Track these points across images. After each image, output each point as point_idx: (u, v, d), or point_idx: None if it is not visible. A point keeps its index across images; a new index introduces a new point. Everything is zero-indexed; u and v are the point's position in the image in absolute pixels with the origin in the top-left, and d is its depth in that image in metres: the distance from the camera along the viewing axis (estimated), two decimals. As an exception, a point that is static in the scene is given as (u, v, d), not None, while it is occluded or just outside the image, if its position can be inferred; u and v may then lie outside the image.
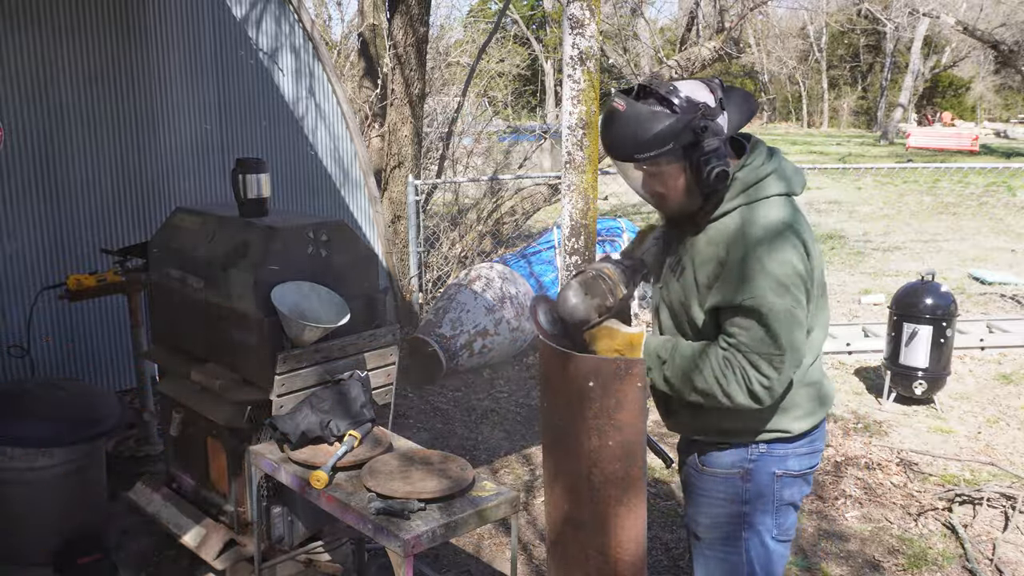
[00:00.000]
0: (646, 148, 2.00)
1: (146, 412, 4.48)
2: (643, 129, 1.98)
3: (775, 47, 32.79)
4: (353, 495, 2.48)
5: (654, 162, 2.02)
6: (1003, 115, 42.71)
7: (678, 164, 2.02)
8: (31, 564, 3.43)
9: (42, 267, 5.04)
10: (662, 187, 2.07)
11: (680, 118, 1.98)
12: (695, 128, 1.98)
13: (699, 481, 2.27)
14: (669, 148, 1.99)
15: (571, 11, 3.23)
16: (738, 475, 2.19)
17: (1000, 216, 12.85)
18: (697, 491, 2.28)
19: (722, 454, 2.20)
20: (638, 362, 2.11)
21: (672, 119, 1.98)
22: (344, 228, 3.14)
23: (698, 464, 2.26)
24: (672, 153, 2.00)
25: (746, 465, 2.18)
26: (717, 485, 2.22)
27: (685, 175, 2.04)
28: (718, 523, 2.24)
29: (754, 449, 2.17)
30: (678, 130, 1.98)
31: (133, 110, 5.29)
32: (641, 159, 2.02)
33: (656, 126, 1.98)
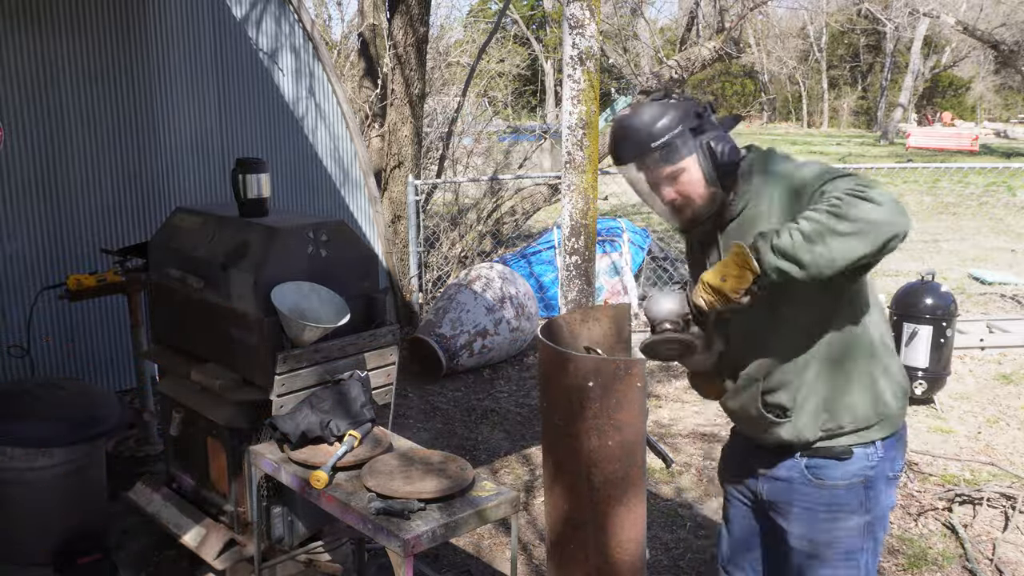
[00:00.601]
0: (659, 134, 2.02)
1: (146, 412, 4.48)
2: (651, 118, 2.03)
3: (775, 47, 32.78)
4: (353, 495, 2.48)
5: (669, 153, 2.02)
6: (1003, 115, 42.70)
7: (691, 155, 2.03)
8: (31, 564, 3.43)
9: (42, 267, 5.04)
10: (682, 188, 2.06)
11: (681, 103, 2.05)
12: (697, 110, 2.04)
13: (819, 497, 2.13)
14: (679, 130, 2.01)
15: (571, 11, 3.23)
16: (861, 484, 2.11)
17: (1000, 216, 12.85)
18: (815, 508, 2.14)
19: (843, 464, 2.10)
20: (638, 362, 2.11)
21: (675, 104, 2.05)
22: (344, 228, 3.14)
23: (808, 478, 2.13)
24: (683, 137, 2.02)
25: (868, 473, 2.11)
26: (842, 498, 2.11)
27: (700, 166, 2.03)
28: (840, 537, 2.14)
29: (873, 454, 2.10)
30: (682, 113, 2.03)
31: (133, 110, 5.29)
32: (657, 146, 2.02)
33: (663, 112, 2.03)
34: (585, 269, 3.45)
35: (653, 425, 5.20)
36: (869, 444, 2.10)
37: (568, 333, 2.44)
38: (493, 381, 6.08)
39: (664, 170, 2.05)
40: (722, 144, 2.03)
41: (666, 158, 2.03)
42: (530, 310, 6.41)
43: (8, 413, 3.35)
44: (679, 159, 2.03)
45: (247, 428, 3.06)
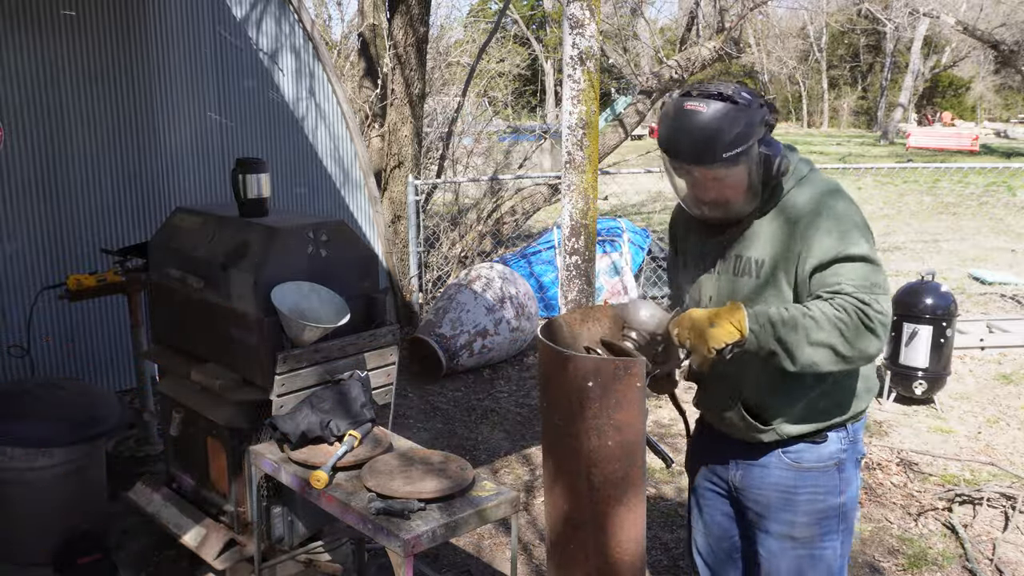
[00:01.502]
0: (733, 145, 1.98)
1: (146, 412, 4.48)
2: (729, 127, 1.97)
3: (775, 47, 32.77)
4: (353, 495, 2.48)
5: (734, 161, 2.00)
6: (1003, 115, 42.70)
7: (747, 164, 2.02)
8: (31, 564, 3.43)
9: (42, 267, 5.04)
10: (727, 190, 2.06)
11: (757, 112, 2.00)
12: (768, 121, 2.03)
13: (796, 480, 2.21)
14: (751, 144, 1.99)
15: (571, 11, 3.23)
16: (834, 466, 2.20)
17: (1000, 216, 12.84)
18: (792, 491, 2.22)
19: (818, 447, 2.18)
20: (638, 362, 2.11)
21: (751, 114, 1.99)
22: (344, 228, 3.14)
23: (788, 463, 2.21)
24: (752, 149, 2.00)
25: (840, 456, 2.19)
26: (817, 480, 2.20)
27: (751, 174, 2.04)
28: (817, 520, 2.22)
29: (845, 438, 2.19)
30: (756, 123, 1.99)
31: (133, 110, 5.29)
32: (729, 157, 1.98)
33: (741, 121, 1.98)
34: (585, 269, 3.45)
35: (653, 425, 5.20)
36: (841, 428, 2.19)
37: (568, 333, 2.44)
38: (493, 381, 6.08)
39: (717, 172, 2.03)
40: (779, 158, 2.03)
41: (732, 162, 2.01)
42: (530, 310, 6.41)
43: (8, 413, 3.35)
44: (738, 165, 2.01)
45: (247, 428, 3.06)
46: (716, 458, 2.36)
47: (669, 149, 2.10)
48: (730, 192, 2.06)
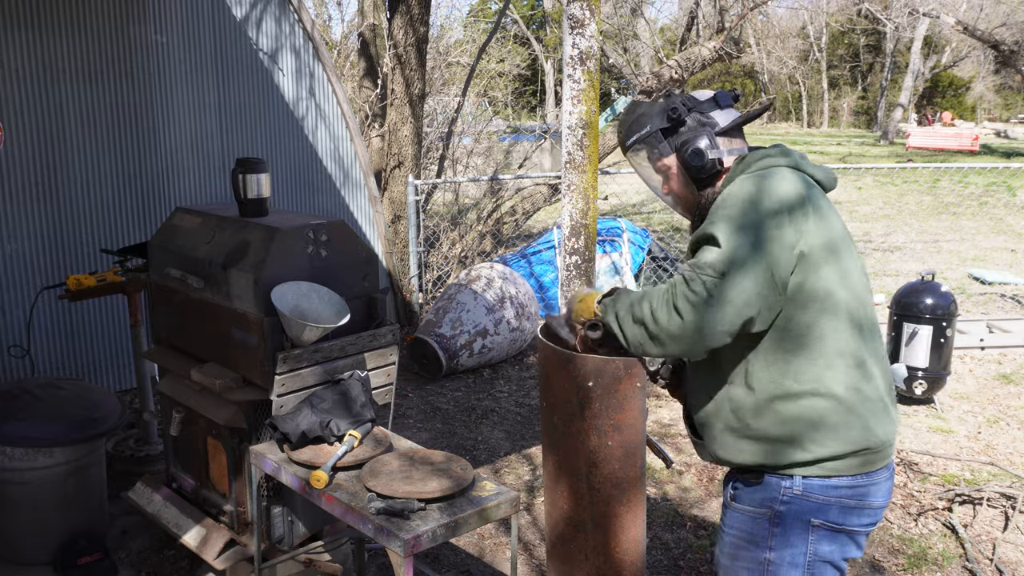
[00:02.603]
0: (630, 134, 2.15)
1: (146, 412, 4.48)
2: (629, 119, 2.18)
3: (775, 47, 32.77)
4: (353, 495, 2.48)
5: (644, 150, 2.14)
6: (1003, 115, 42.71)
7: (669, 154, 2.11)
8: (31, 564, 3.43)
9: (42, 267, 5.04)
10: (668, 184, 2.16)
11: (657, 104, 2.13)
12: (668, 111, 2.09)
13: (726, 516, 2.09)
14: (646, 131, 2.11)
15: (571, 11, 3.23)
16: (766, 516, 1.98)
17: (1000, 216, 12.84)
18: (723, 526, 2.10)
19: (752, 490, 1.99)
20: (638, 362, 2.11)
21: (649, 105, 2.15)
22: (344, 228, 3.14)
23: (727, 497, 2.08)
24: (652, 139, 2.11)
25: (776, 507, 1.96)
26: (744, 524, 2.02)
27: (679, 166, 2.11)
28: (738, 566, 2.04)
29: (787, 489, 1.94)
30: (652, 114, 2.11)
31: (133, 110, 5.29)
32: (629, 144, 2.16)
33: (637, 112, 2.16)
34: (585, 269, 3.45)
35: (653, 425, 5.20)
36: (784, 474, 1.94)
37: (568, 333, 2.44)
38: (493, 381, 6.08)
39: (654, 164, 2.16)
40: (689, 147, 2.06)
41: (649, 155, 2.15)
42: (530, 310, 6.41)
43: (8, 413, 3.35)
44: (659, 158, 2.13)
45: (247, 428, 3.07)
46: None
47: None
48: (673, 185, 2.15)
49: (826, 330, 1.89)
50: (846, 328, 1.91)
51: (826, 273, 1.88)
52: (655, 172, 2.17)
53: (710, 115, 2.09)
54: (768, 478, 1.95)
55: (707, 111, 2.09)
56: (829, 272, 1.89)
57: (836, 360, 1.89)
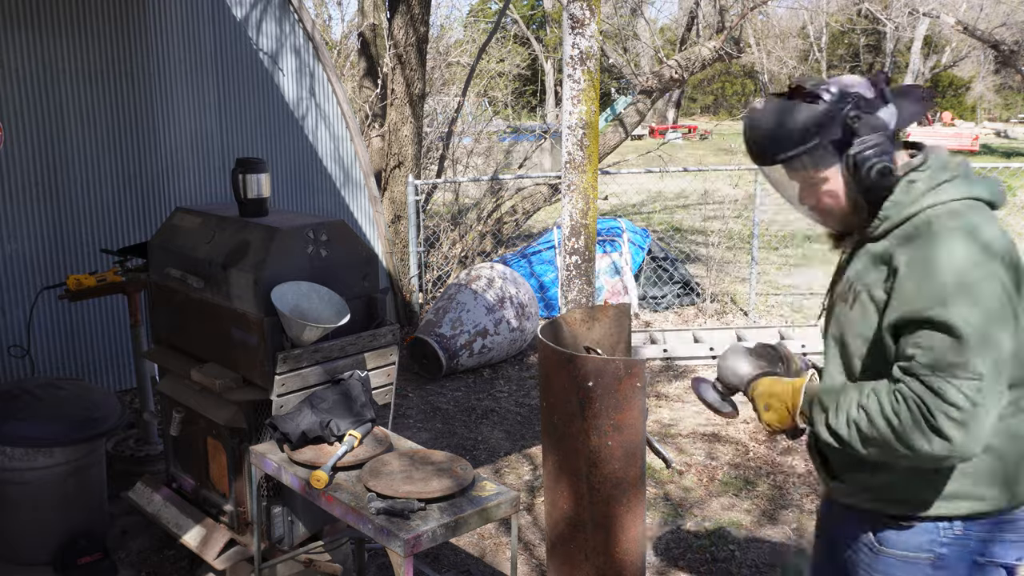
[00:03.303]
0: (787, 145, 1.77)
1: (146, 412, 4.48)
2: (783, 124, 1.78)
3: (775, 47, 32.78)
4: (353, 495, 2.48)
5: (800, 162, 1.79)
6: (1003, 115, 42.71)
7: (833, 166, 1.78)
8: (31, 564, 3.43)
9: (42, 267, 5.04)
10: (821, 196, 1.83)
11: (826, 108, 1.75)
12: (845, 119, 1.74)
13: (873, 563, 1.86)
14: (815, 143, 1.76)
15: (571, 11, 3.23)
16: (928, 561, 1.80)
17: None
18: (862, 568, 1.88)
19: (905, 533, 1.80)
20: (638, 362, 2.11)
21: (815, 110, 1.75)
22: (344, 228, 3.14)
23: (873, 542, 1.85)
24: (820, 150, 1.76)
25: (937, 549, 1.78)
26: (898, 571, 1.82)
27: (844, 178, 1.78)
28: None
29: (947, 530, 1.77)
30: (823, 121, 1.74)
31: (133, 110, 5.30)
32: (783, 159, 1.79)
33: (797, 119, 1.76)
34: (585, 269, 3.45)
35: (653, 425, 5.20)
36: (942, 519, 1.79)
37: (568, 333, 2.45)
38: (493, 381, 6.08)
39: (802, 175, 1.83)
40: (870, 162, 1.74)
41: (799, 164, 1.80)
42: (530, 310, 6.41)
43: (8, 413, 3.35)
44: (816, 168, 1.79)
45: (247, 428, 3.07)
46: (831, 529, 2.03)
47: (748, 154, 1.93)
48: (826, 199, 1.83)
49: None
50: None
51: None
52: (801, 182, 1.84)
53: (879, 115, 1.76)
54: (920, 524, 1.80)
55: (876, 110, 1.76)
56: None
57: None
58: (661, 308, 7.79)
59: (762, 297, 7.83)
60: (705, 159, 21.51)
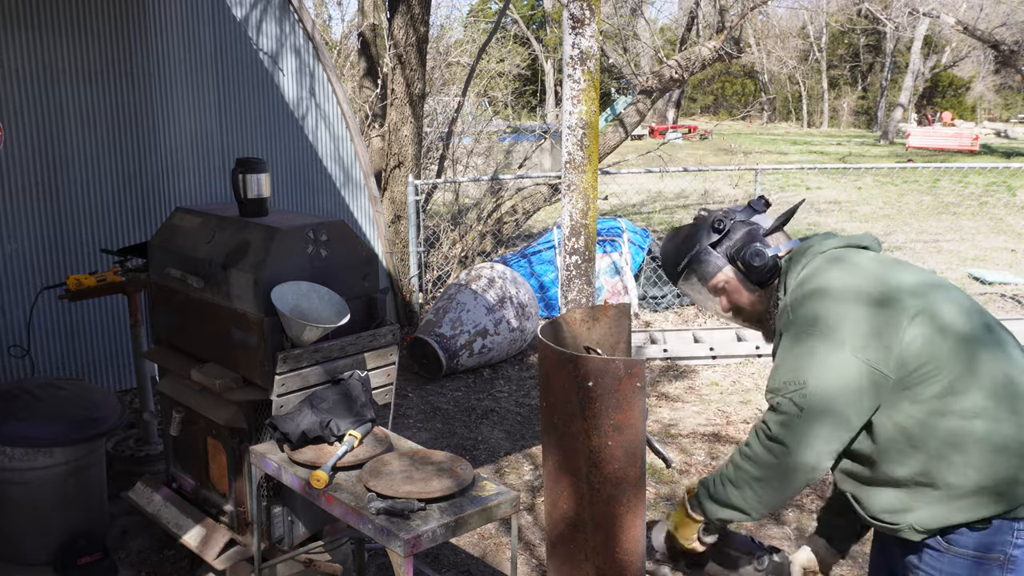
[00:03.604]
0: (679, 257, 2.13)
1: (146, 412, 4.48)
2: (673, 245, 2.17)
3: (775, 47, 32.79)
4: (354, 495, 2.48)
5: (695, 273, 2.11)
6: (1003, 115, 42.72)
7: (723, 269, 2.09)
8: (31, 564, 3.43)
9: (42, 267, 5.04)
10: (730, 299, 2.13)
11: (695, 225, 2.14)
12: (714, 224, 2.09)
13: (938, 563, 1.88)
14: (696, 250, 2.10)
15: (571, 11, 3.23)
16: (996, 561, 1.83)
17: (1000, 216, 12.84)
18: (923, 569, 1.92)
19: (977, 533, 1.84)
20: (638, 362, 2.11)
21: (692, 225, 2.14)
22: (344, 228, 3.14)
23: (941, 541, 1.87)
24: (704, 255, 2.09)
25: (1009, 550, 1.81)
26: (966, 570, 1.85)
27: (735, 275, 2.09)
28: None
29: (1020, 531, 1.81)
30: (697, 232, 2.11)
31: (133, 110, 5.30)
32: (681, 270, 2.13)
33: (680, 235, 2.15)
34: (585, 269, 3.45)
35: (654, 425, 5.20)
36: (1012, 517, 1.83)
37: (568, 333, 2.45)
38: (493, 381, 6.08)
39: (708, 284, 2.12)
40: (747, 250, 2.05)
41: (701, 275, 2.12)
42: (530, 310, 6.41)
43: (8, 413, 3.35)
44: (712, 273, 2.10)
45: (247, 428, 3.07)
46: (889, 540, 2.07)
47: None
48: (733, 297, 2.12)
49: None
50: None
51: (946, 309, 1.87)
52: (712, 293, 2.14)
53: (752, 220, 2.10)
54: (998, 522, 1.82)
55: (748, 217, 2.11)
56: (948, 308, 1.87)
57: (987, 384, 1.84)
58: (661, 308, 7.79)
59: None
60: (705, 159, 21.51)
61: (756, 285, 2.08)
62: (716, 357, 6.45)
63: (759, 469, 1.87)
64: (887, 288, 1.86)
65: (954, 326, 1.84)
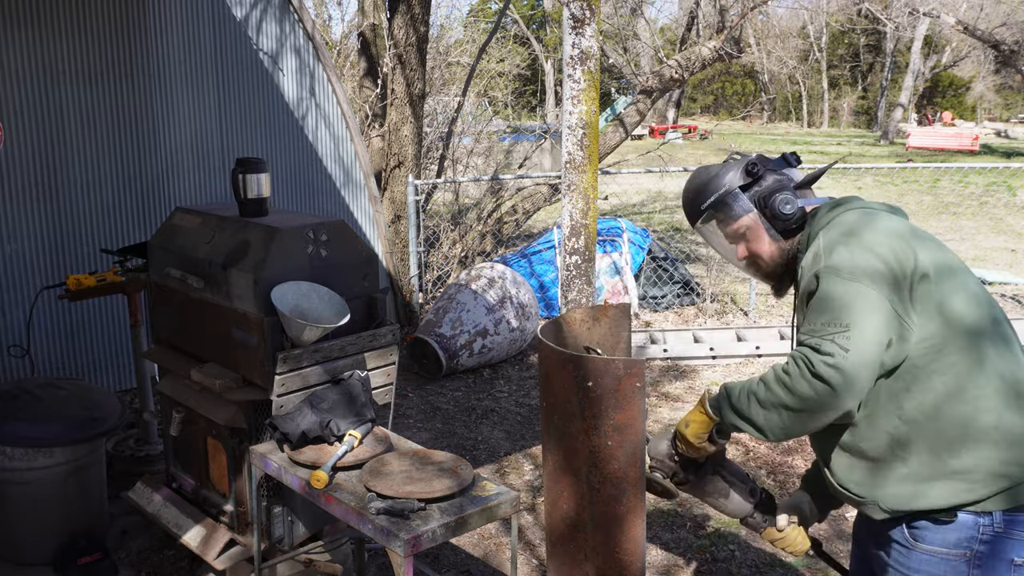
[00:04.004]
0: (704, 196, 2.09)
1: (146, 412, 4.48)
2: (701, 181, 2.11)
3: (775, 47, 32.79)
4: (353, 495, 2.48)
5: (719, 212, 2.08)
6: (1003, 115, 42.72)
7: (748, 213, 2.06)
8: (31, 564, 3.44)
9: (42, 267, 5.04)
10: (748, 246, 2.10)
11: (727, 165, 2.10)
12: (748, 168, 2.06)
13: (907, 560, 1.92)
14: (724, 191, 2.06)
15: (571, 10, 3.23)
16: (963, 557, 1.85)
17: (1000, 216, 12.84)
18: (902, 572, 1.94)
19: (943, 528, 1.86)
20: (638, 362, 2.11)
21: (724, 164, 2.11)
22: (344, 228, 3.14)
23: (908, 538, 1.91)
24: (732, 196, 2.06)
25: (976, 547, 1.84)
26: (935, 568, 1.88)
27: (761, 223, 2.06)
28: None
29: (987, 527, 1.83)
30: (731, 171, 2.07)
31: (133, 110, 5.29)
32: (705, 208, 2.09)
33: (710, 173, 2.11)
34: (585, 269, 3.45)
35: (654, 425, 5.20)
36: (982, 512, 1.84)
37: (568, 333, 2.45)
38: (493, 381, 6.08)
39: (728, 228, 2.10)
40: (773, 197, 2.03)
41: (724, 218, 2.09)
42: (530, 310, 6.41)
43: (8, 413, 3.35)
44: (737, 217, 2.07)
45: (247, 428, 3.07)
46: (867, 534, 2.11)
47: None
48: (754, 245, 2.09)
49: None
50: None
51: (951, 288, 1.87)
52: (728, 238, 2.11)
53: (783, 171, 2.09)
54: (963, 516, 1.84)
55: (779, 168, 2.09)
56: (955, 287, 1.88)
57: (994, 379, 1.85)
58: (661, 308, 7.79)
59: (762, 297, 7.83)
60: (705, 159, 21.51)
61: (780, 235, 2.05)
62: (716, 357, 6.45)
63: (795, 400, 1.81)
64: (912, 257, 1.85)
65: (964, 312, 1.86)
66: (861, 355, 1.76)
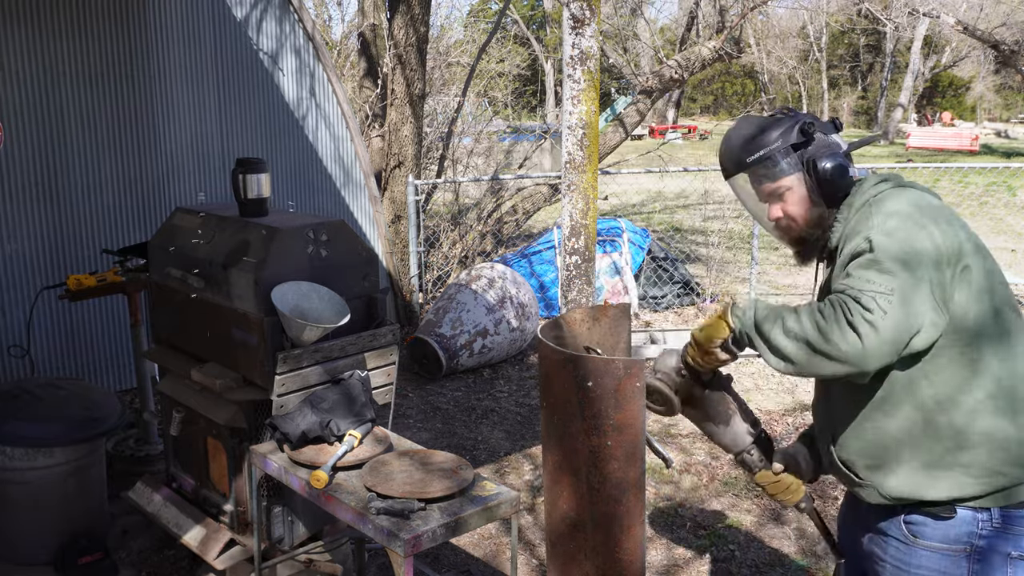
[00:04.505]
0: (754, 148, 1.98)
1: (146, 412, 4.48)
2: (750, 131, 2.00)
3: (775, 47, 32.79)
4: (353, 495, 2.48)
5: (765, 167, 1.98)
6: (1003, 115, 42.71)
7: (794, 174, 1.97)
8: (31, 564, 3.44)
9: (42, 267, 5.04)
10: (785, 208, 2.00)
11: (785, 119, 1.99)
12: (803, 125, 1.96)
13: (908, 556, 1.91)
14: (777, 145, 1.96)
15: (571, 11, 3.23)
16: (963, 553, 1.85)
17: (1000, 216, 12.83)
18: (901, 568, 1.93)
19: (943, 524, 1.86)
20: (638, 362, 2.11)
21: (776, 118, 2.00)
22: (344, 228, 3.14)
23: (907, 534, 1.90)
24: (781, 154, 1.96)
25: (976, 541, 1.84)
26: (935, 563, 1.88)
27: (805, 184, 1.97)
28: None
29: (985, 522, 1.84)
30: (784, 127, 1.97)
31: (133, 110, 5.30)
32: (751, 160, 1.98)
33: (761, 126, 1.99)
34: (585, 269, 3.45)
35: (653, 425, 5.20)
36: (981, 508, 1.85)
37: (568, 333, 2.45)
38: (493, 381, 6.08)
39: (767, 186, 2.01)
40: (827, 161, 1.94)
41: (767, 174, 1.99)
42: (530, 310, 6.41)
43: (8, 413, 3.35)
44: (781, 176, 1.98)
45: (247, 428, 3.07)
46: (854, 522, 2.11)
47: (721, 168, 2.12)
48: (791, 207, 1.99)
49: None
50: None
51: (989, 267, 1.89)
52: (763, 196, 2.02)
53: (832, 137, 2.00)
54: (963, 512, 1.85)
55: (829, 132, 2.01)
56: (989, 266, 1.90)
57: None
58: (661, 308, 7.79)
59: (762, 297, 7.83)
60: (705, 159, 21.51)
61: (822, 200, 1.96)
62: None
63: (821, 341, 1.74)
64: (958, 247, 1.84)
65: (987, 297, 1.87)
66: (898, 322, 1.71)
